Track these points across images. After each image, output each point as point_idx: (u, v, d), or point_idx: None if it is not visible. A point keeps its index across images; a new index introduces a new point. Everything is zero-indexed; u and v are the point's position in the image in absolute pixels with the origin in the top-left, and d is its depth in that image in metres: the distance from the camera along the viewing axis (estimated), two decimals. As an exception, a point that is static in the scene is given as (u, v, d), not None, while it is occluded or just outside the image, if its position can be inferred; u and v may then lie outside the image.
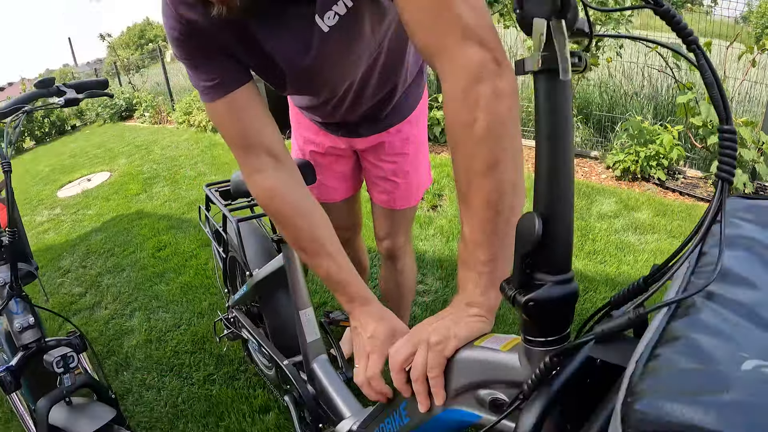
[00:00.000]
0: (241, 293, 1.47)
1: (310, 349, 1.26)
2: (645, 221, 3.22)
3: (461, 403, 0.68)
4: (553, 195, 0.52)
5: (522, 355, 0.60)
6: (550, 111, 0.50)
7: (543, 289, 0.53)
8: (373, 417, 0.93)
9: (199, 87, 0.86)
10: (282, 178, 0.87)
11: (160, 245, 3.11)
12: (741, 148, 3.34)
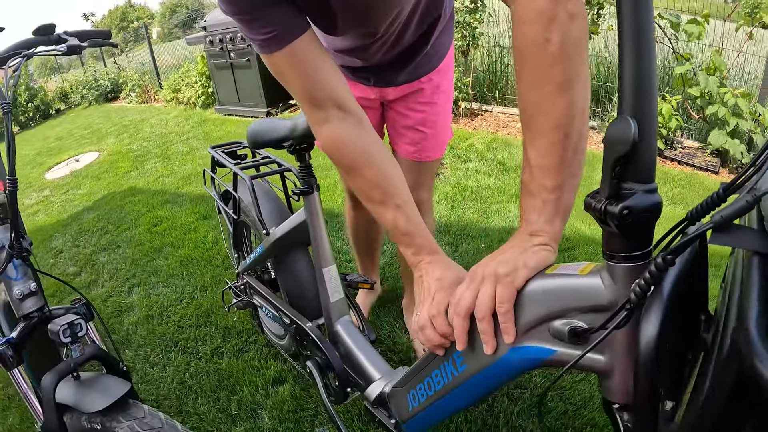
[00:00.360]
0: (255, 256, 1.40)
1: (334, 310, 1.21)
2: (647, 190, 3.21)
3: (532, 338, 0.63)
4: (643, 97, 0.50)
5: (605, 277, 0.57)
6: (635, 9, 0.49)
7: (635, 197, 0.51)
8: (415, 372, 0.88)
9: (256, 41, 0.80)
10: (349, 128, 0.83)
11: (155, 220, 3.02)
12: (738, 119, 3.33)
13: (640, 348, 0.50)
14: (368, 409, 1.06)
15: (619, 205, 0.50)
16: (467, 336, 0.68)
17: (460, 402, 0.79)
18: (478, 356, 0.69)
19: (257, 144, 1.15)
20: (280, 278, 1.40)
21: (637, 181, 0.51)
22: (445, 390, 0.78)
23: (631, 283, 0.53)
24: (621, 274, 0.55)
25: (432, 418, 0.88)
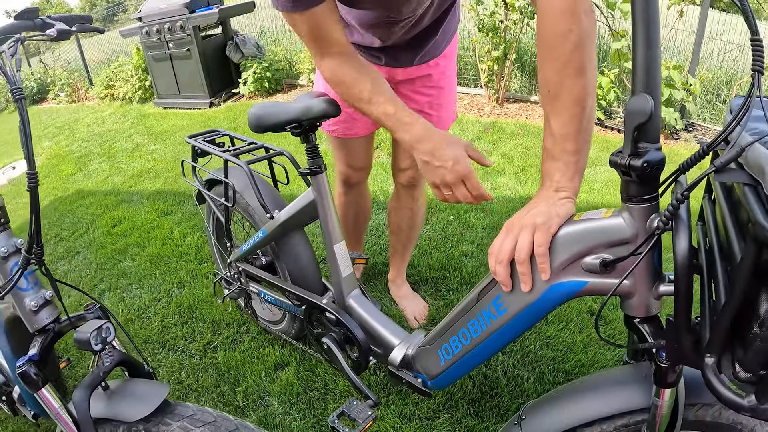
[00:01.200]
0: (255, 241, 1.41)
1: (345, 284, 1.26)
2: (592, 155, 3.44)
3: (567, 274, 0.74)
4: (654, 77, 0.64)
5: (626, 216, 0.69)
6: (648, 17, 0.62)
7: (650, 153, 0.64)
8: (446, 328, 0.96)
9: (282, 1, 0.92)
10: (349, 60, 1.01)
11: (113, 221, 2.91)
12: (671, 89, 3.62)
13: (677, 259, 0.61)
14: (393, 373, 1.13)
15: (640, 160, 0.63)
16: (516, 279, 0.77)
17: (495, 346, 0.88)
18: (519, 297, 0.78)
19: (262, 128, 1.16)
20: (283, 261, 1.42)
21: (649, 141, 0.64)
22: (483, 336, 0.86)
23: (647, 219, 0.67)
24: (638, 212, 0.67)
25: (463, 368, 0.97)
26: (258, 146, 1.52)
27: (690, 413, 0.76)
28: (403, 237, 1.73)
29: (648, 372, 0.76)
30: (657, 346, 0.69)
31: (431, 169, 0.94)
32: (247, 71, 5.03)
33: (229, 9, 4.92)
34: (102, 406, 0.89)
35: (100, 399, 0.89)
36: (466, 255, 2.19)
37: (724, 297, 0.58)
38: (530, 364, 1.57)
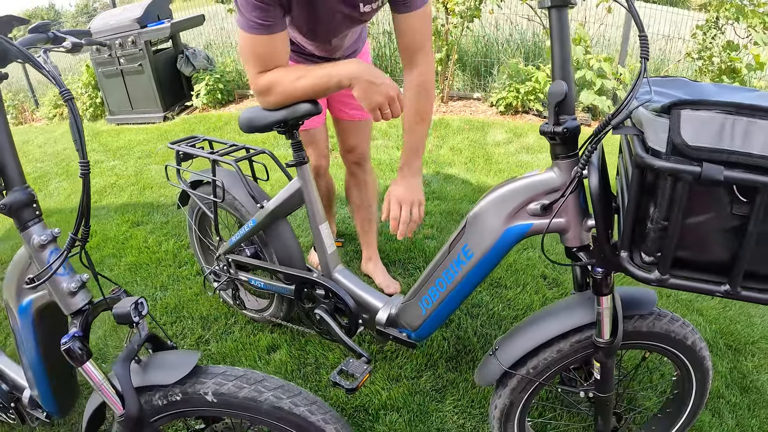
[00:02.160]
0: (245, 231, 1.56)
1: (331, 259, 1.44)
2: (533, 144, 3.77)
3: (516, 219, 0.97)
4: (566, 68, 0.89)
5: (555, 170, 0.93)
6: (561, 27, 0.88)
7: (568, 122, 0.88)
8: (423, 282, 1.17)
9: (250, 23, 1.13)
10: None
11: None
12: (603, 79, 3.99)
13: (591, 189, 0.85)
14: (381, 331, 1.33)
15: (561, 127, 0.87)
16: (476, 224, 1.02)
17: (466, 289, 1.09)
18: (483, 242, 0.99)
19: (253, 129, 1.32)
20: (272, 246, 1.57)
21: (567, 114, 0.89)
22: (456, 281, 1.08)
23: (570, 171, 0.90)
24: (564, 166, 0.91)
25: (442, 315, 1.17)
26: (239, 147, 1.68)
27: (629, 324, 1.00)
28: (365, 212, 2.00)
29: (590, 296, 0.98)
30: (590, 263, 0.92)
31: (374, 90, 1.15)
32: (199, 84, 5.09)
33: (181, 23, 4.93)
34: (139, 376, 0.95)
35: (135, 370, 0.96)
36: (428, 238, 2.41)
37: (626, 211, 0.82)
38: (495, 323, 1.80)
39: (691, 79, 0.97)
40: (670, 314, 1.04)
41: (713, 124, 0.70)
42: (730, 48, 4.21)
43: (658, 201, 0.75)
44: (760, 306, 2.02)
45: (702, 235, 0.76)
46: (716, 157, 0.70)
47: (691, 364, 1.08)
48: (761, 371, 1.70)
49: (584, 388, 1.11)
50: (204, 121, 4.81)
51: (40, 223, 0.98)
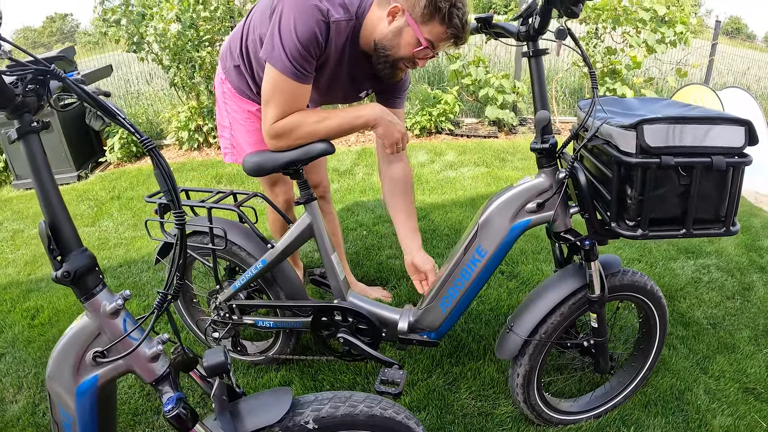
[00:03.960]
0: (254, 273, 1.60)
1: (343, 285, 1.58)
2: (454, 161, 4.16)
3: (518, 218, 1.24)
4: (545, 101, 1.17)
5: (543, 176, 1.21)
6: (539, 70, 1.16)
7: (551, 140, 1.17)
8: (442, 284, 1.38)
9: (292, 68, 1.29)
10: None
11: (30, 313, 2.73)
12: (503, 94, 4.52)
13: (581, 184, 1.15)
14: (403, 339, 1.49)
15: (547, 144, 1.16)
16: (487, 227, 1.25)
17: (482, 282, 1.32)
18: (495, 240, 1.24)
19: (263, 172, 1.41)
20: (279, 284, 1.65)
21: (548, 134, 1.18)
22: (473, 277, 1.30)
23: (554, 175, 1.18)
24: (549, 172, 1.20)
25: (460, 309, 1.38)
26: (227, 193, 1.73)
27: (609, 281, 1.29)
28: (336, 238, 2.17)
29: (575, 268, 1.27)
30: (583, 238, 1.21)
31: (394, 128, 1.39)
32: (111, 138, 4.93)
33: (89, 75, 4.74)
34: (241, 424, 0.93)
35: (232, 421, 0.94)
36: (391, 257, 2.62)
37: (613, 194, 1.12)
38: (476, 318, 2.06)
39: (618, 96, 1.30)
40: (632, 270, 1.37)
41: (662, 132, 1.02)
42: (609, 53, 4.96)
43: (634, 184, 1.06)
44: (680, 259, 2.62)
45: (664, 200, 1.08)
46: (667, 151, 1.03)
47: (653, 303, 1.42)
48: (694, 308, 2.21)
49: (584, 339, 1.40)
50: (123, 176, 4.65)
51: (106, 288, 0.90)
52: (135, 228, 3.47)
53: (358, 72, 1.47)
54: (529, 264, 2.48)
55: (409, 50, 1.32)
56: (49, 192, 0.86)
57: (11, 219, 4.20)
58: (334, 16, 1.29)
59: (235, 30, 1.61)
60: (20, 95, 0.84)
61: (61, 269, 0.84)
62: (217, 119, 1.81)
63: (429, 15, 1.27)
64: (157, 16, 4.39)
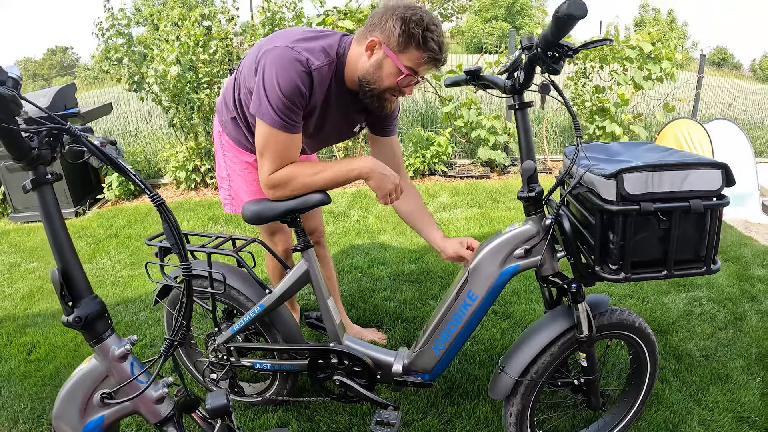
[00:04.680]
0: (251, 317, 1.63)
1: (339, 328, 1.62)
2: (447, 202, 4.24)
3: (507, 263, 1.29)
4: (531, 152, 1.24)
5: (530, 223, 1.27)
6: (525, 122, 1.24)
7: (538, 189, 1.24)
8: (435, 328, 1.41)
9: (281, 120, 1.34)
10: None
11: (26, 348, 2.73)
12: (495, 135, 4.65)
13: (566, 230, 1.20)
14: (398, 380, 1.52)
15: (533, 192, 1.22)
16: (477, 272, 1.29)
17: (473, 326, 1.36)
18: (485, 285, 1.28)
19: (261, 220, 1.46)
20: (277, 327, 1.68)
21: (535, 183, 1.24)
22: (465, 321, 1.34)
23: (541, 221, 1.24)
24: (536, 219, 1.26)
25: (452, 352, 1.42)
26: (226, 238, 1.76)
27: (596, 321, 1.33)
28: (331, 282, 2.17)
29: (563, 309, 1.32)
30: (570, 281, 1.25)
31: (386, 180, 1.41)
32: (110, 175, 5.00)
33: (90, 112, 4.78)
34: None
35: None
36: (386, 300, 2.65)
37: (596, 239, 1.17)
38: (470, 359, 2.07)
39: (602, 142, 1.37)
40: (619, 309, 1.41)
41: (641, 180, 1.08)
42: (597, 91, 5.14)
43: (616, 230, 1.11)
44: (671, 293, 2.66)
45: (645, 244, 1.14)
46: (646, 198, 1.09)
47: (642, 340, 1.45)
48: (686, 341, 2.24)
49: (575, 377, 1.43)
50: (121, 214, 4.70)
51: (114, 333, 0.95)
52: (132, 267, 3.49)
53: (348, 109, 1.52)
54: (521, 304, 2.52)
55: (392, 80, 1.36)
56: (61, 241, 0.92)
57: (8, 252, 4.22)
58: (315, 63, 1.33)
59: (228, 83, 1.66)
60: (36, 149, 0.91)
61: (72, 315, 0.89)
62: (216, 171, 1.85)
63: (405, 43, 1.31)
64: (158, 57, 4.52)
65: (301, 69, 1.31)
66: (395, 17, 1.30)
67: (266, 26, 4.58)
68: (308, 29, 1.46)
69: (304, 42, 1.36)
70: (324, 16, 4.52)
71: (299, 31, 1.42)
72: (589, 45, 1.11)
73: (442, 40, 1.34)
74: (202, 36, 4.58)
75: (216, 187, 4.93)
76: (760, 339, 2.28)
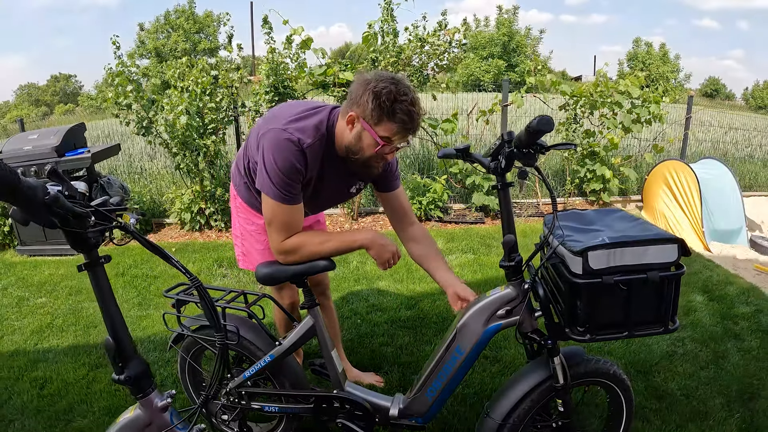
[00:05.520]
0: (261, 365, 1.78)
1: (341, 376, 1.79)
2: (443, 248, 4.43)
3: (490, 323, 1.48)
4: (512, 227, 1.44)
5: (511, 287, 1.47)
6: (506, 200, 1.44)
7: (517, 258, 1.44)
8: (427, 377, 1.59)
9: (282, 194, 1.52)
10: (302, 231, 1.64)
11: (38, 383, 2.79)
12: (489, 181, 4.89)
13: (540, 295, 1.40)
14: (395, 424, 1.68)
15: (513, 262, 1.43)
16: (464, 330, 1.47)
17: (461, 375, 1.54)
18: (470, 342, 1.46)
19: (273, 282, 1.66)
20: (284, 374, 1.83)
21: (515, 253, 1.44)
22: (453, 372, 1.53)
23: (521, 286, 1.43)
24: (517, 284, 1.45)
25: (443, 397, 1.59)
26: (238, 293, 1.89)
27: (572, 370, 1.50)
28: (334, 330, 2.34)
29: (543, 359, 1.50)
30: (545, 339, 1.44)
31: (384, 250, 1.60)
32: (117, 215, 5.15)
33: (100, 153, 4.89)
34: None
35: None
36: (383, 345, 2.82)
37: (565, 306, 1.36)
38: (462, 401, 2.23)
39: (579, 210, 1.58)
40: (595, 358, 1.59)
41: (604, 256, 1.29)
42: (588, 135, 5.39)
43: (582, 298, 1.32)
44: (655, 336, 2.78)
45: (608, 310, 1.34)
46: (609, 271, 1.30)
47: (617, 385, 1.62)
48: (668, 381, 2.39)
49: (554, 420, 1.60)
50: (127, 252, 4.81)
51: (156, 389, 1.12)
52: (140, 307, 3.61)
53: (342, 174, 1.67)
54: (511, 349, 2.68)
55: (372, 150, 1.49)
56: (114, 316, 1.12)
57: (16, 285, 4.31)
58: (306, 142, 1.50)
59: (239, 153, 1.85)
60: (92, 238, 1.12)
61: (123, 374, 1.09)
62: (232, 229, 2.07)
63: (378, 116, 1.43)
64: (167, 106, 4.74)
65: (294, 149, 1.49)
66: (368, 92, 1.43)
67: (270, 77, 4.82)
68: (303, 106, 1.62)
69: (295, 122, 1.53)
70: (326, 68, 4.79)
71: (293, 111, 1.58)
72: (557, 146, 1.36)
73: (412, 109, 1.45)
74: (209, 84, 4.82)
75: (219, 230, 5.11)
76: (741, 376, 2.41)
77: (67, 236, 1.06)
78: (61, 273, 4.45)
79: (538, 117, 1.18)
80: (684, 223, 4.71)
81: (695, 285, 3.60)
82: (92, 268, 1.12)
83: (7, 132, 15.04)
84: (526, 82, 5.29)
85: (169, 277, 4.05)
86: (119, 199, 1.26)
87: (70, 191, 1.05)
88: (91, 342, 3.24)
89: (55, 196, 0.95)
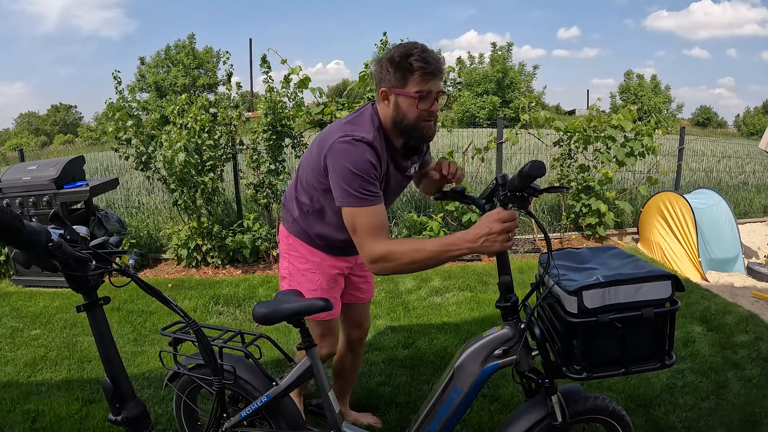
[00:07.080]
0: (258, 405, 1.76)
1: (338, 417, 1.77)
2: (439, 286, 4.42)
3: (486, 363, 1.49)
4: (507, 269, 1.47)
5: (508, 328, 1.48)
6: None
7: (513, 298, 1.45)
8: (426, 417, 1.58)
9: (365, 197, 1.47)
10: (392, 238, 1.60)
11: (30, 416, 2.71)
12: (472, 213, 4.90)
13: (536, 336, 1.41)
14: None
15: (509, 302, 1.44)
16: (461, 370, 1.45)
17: (459, 415, 1.53)
18: (467, 382, 1.46)
19: (270, 321, 1.63)
20: (281, 415, 1.80)
21: (510, 293, 1.46)
22: (452, 410, 1.52)
23: (517, 326, 1.45)
24: (512, 324, 1.46)
25: (442, 435, 1.57)
26: (235, 333, 1.88)
27: (570, 408, 1.50)
28: (352, 378, 2.31)
29: (541, 398, 1.49)
30: (543, 377, 1.44)
31: (490, 241, 1.31)
32: (112, 251, 5.14)
33: (98, 186, 4.88)
34: None
35: None
36: (381, 384, 2.78)
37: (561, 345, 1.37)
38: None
39: (573, 248, 1.60)
40: (593, 395, 1.58)
41: (599, 295, 1.31)
42: (582, 170, 5.45)
43: (578, 337, 1.32)
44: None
45: (604, 347, 1.35)
46: (604, 310, 1.31)
47: (616, 422, 1.61)
48: (669, 414, 2.36)
49: None
50: (123, 287, 4.74)
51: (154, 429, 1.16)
52: (135, 343, 3.57)
53: (398, 160, 1.67)
54: (509, 386, 2.66)
55: (414, 110, 1.51)
56: (112, 356, 1.14)
57: (10, 315, 4.24)
58: (369, 137, 1.51)
59: (290, 187, 1.88)
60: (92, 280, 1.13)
61: (120, 415, 1.10)
62: (279, 271, 2.03)
63: (401, 76, 1.49)
64: (166, 142, 4.77)
65: (364, 147, 1.49)
66: (385, 63, 1.51)
67: (269, 116, 4.90)
68: (347, 116, 1.65)
69: (350, 126, 1.55)
70: (323, 107, 4.88)
71: (341, 122, 1.62)
72: (550, 190, 1.40)
73: (427, 55, 1.48)
74: (208, 122, 4.88)
75: (216, 267, 5.10)
76: (742, 405, 2.39)
77: (67, 278, 1.07)
78: (57, 305, 4.40)
79: (530, 162, 1.22)
80: (680, 253, 4.74)
81: (693, 315, 3.59)
82: (91, 309, 1.14)
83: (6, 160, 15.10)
84: (520, 118, 5.39)
85: (165, 314, 4.01)
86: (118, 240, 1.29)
87: (72, 235, 1.07)
88: (85, 377, 3.18)
89: (58, 243, 0.98)
